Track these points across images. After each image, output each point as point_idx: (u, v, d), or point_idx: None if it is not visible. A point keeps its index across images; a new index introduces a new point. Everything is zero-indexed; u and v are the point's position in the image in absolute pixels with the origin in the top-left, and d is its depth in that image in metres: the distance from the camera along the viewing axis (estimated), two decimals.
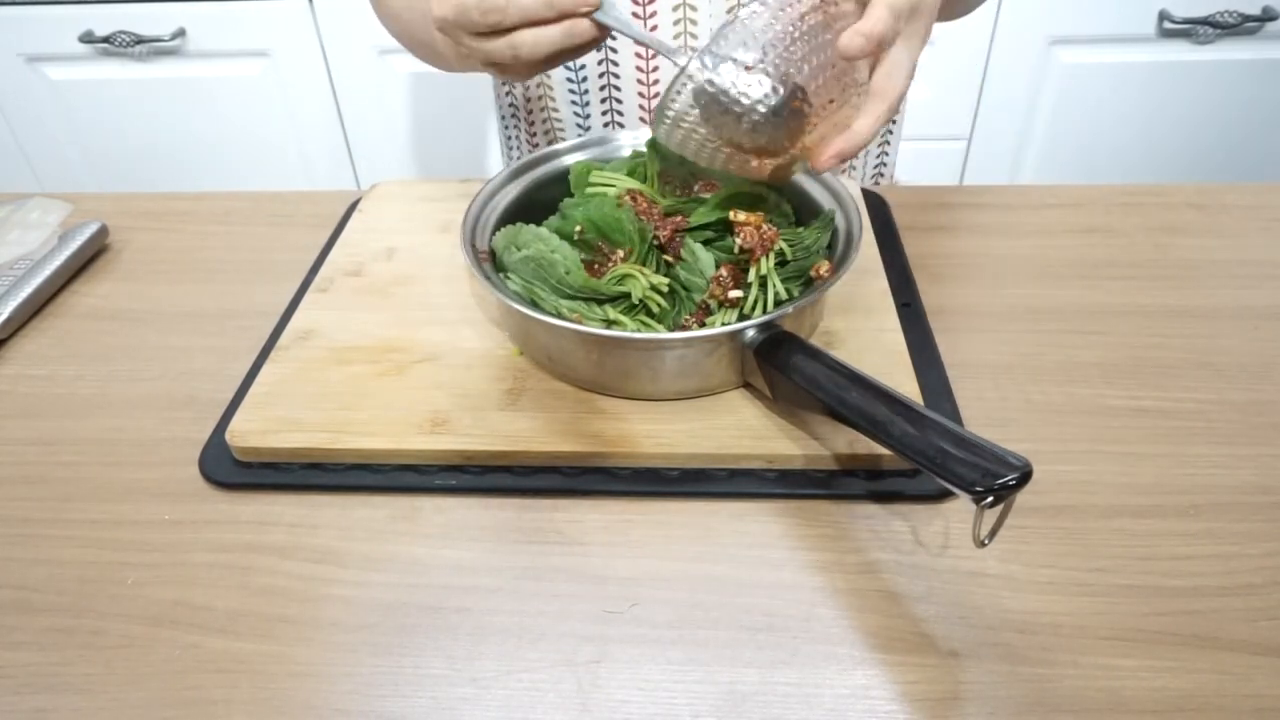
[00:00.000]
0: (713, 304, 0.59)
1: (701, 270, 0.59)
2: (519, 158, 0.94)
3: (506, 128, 0.96)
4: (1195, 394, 0.58)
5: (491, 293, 0.56)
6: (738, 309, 0.58)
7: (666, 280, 0.58)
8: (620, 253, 0.60)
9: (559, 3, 0.53)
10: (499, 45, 0.54)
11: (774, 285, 0.57)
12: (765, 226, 0.58)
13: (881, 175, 0.94)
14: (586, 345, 0.55)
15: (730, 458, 0.53)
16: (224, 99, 1.49)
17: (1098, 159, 1.50)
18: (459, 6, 0.53)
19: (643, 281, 0.57)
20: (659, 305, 0.58)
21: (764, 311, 0.57)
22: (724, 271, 0.59)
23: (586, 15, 0.54)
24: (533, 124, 0.89)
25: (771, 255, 0.57)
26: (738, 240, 0.58)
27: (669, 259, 0.61)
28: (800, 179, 0.66)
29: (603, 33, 0.55)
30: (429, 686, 0.44)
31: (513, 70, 0.57)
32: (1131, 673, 0.43)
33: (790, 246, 0.58)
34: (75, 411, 0.61)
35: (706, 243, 0.61)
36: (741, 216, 0.58)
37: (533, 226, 0.61)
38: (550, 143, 0.87)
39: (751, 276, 0.57)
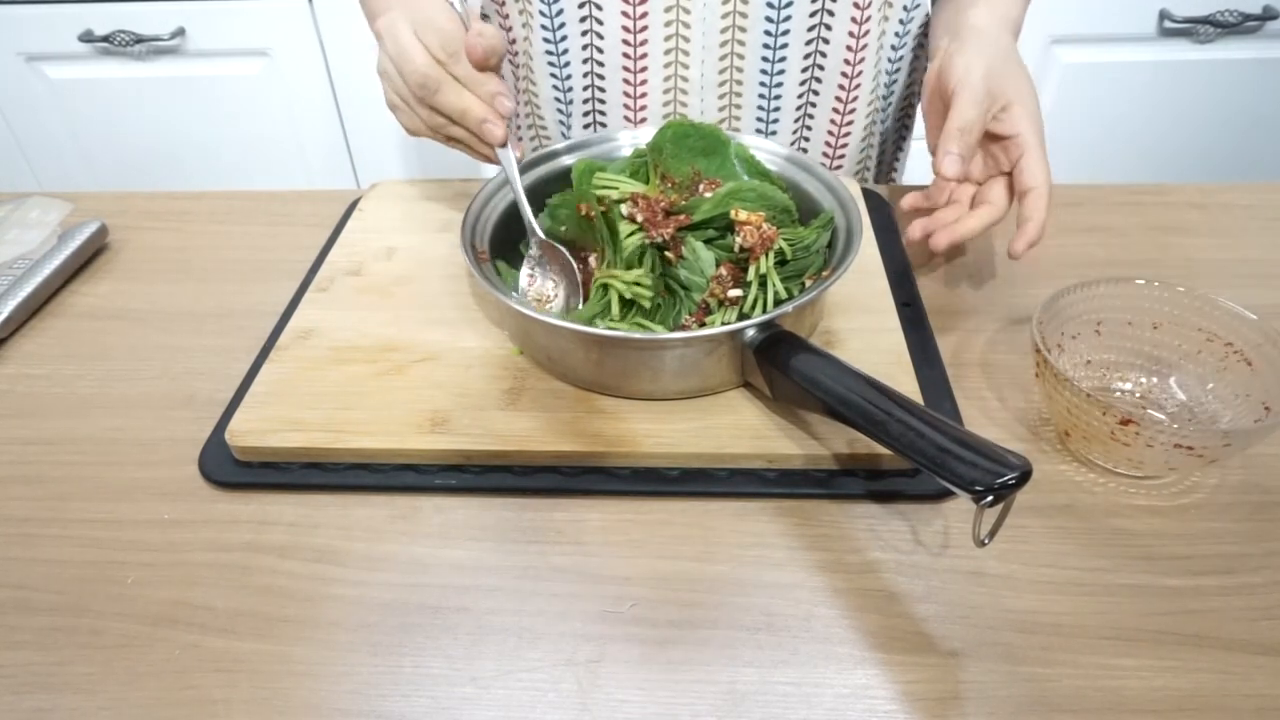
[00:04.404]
0: (712, 303, 0.59)
1: (702, 269, 0.59)
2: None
3: None
4: None
5: (491, 293, 0.56)
6: (737, 308, 0.58)
7: (646, 273, 0.58)
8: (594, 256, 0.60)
9: (469, 124, 0.62)
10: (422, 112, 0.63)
11: (773, 284, 0.57)
12: (765, 225, 0.58)
13: (894, 179, 0.94)
14: (586, 345, 0.55)
15: (730, 457, 0.53)
16: (224, 98, 1.49)
17: (1098, 159, 1.50)
18: (415, 70, 0.60)
19: (619, 283, 0.57)
20: (649, 300, 0.57)
21: (763, 311, 0.57)
22: (723, 271, 0.59)
23: (490, 144, 0.64)
24: (518, 129, 0.88)
25: (771, 254, 0.57)
26: (737, 239, 0.58)
27: (670, 257, 0.61)
28: (800, 178, 0.66)
29: (492, 160, 0.65)
30: (429, 686, 0.44)
31: (407, 122, 0.65)
32: (1131, 673, 0.43)
33: (790, 246, 0.58)
34: (75, 411, 0.61)
35: (708, 241, 0.61)
36: (742, 215, 0.58)
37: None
38: (536, 146, 0.86)
39: (751, 275, 0.57)
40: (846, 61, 0.76)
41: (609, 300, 0.58)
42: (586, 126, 0.81)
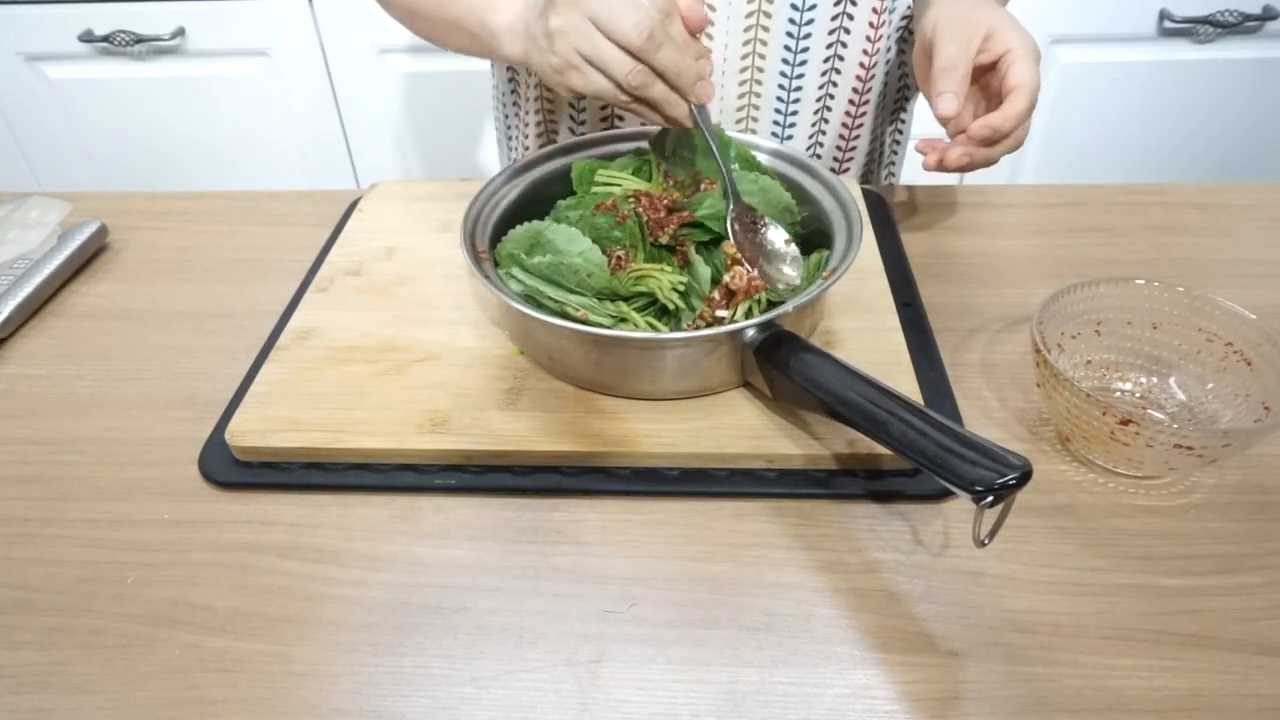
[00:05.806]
0: (701, 325, 0.59)
1: (699, 283, 0.59)
2: (517, 156, 0.94)
3: (508, 123, 0.95)
4: None
5: (492, 292, 0.56)
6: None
7: (685, 279, 0.58)
8: (620, 252, 0.59)
9: (683, 82, 0.57)
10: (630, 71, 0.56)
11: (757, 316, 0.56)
12: (755, 277, 0.57)
13: (893, 176, 0.95)
14: (586, 345, 0.55)
15: (730, 457, 0.53)
16: (224, 98, 1.49)
17: (1098, 158, 1.49)
18: (640, 24, 0.54)
19: (664, 281, 0.57)
20: (675, 305, 0.58)
21: (763, 311, 0.57)
22: (716, 294, 0.58)
23: (688, 103, 0.58)
24: (527, 123, 0.88)
25: (754, 302, 0.57)
26: (727, 277, 0.57)
27: (676, 260, 0.61)
28: (800, 178, 0.66)
29: (680, 123, 0.59)
30: (429, 686, 0.44)
31: (583, 84, 0.58)
32: (1131, 673, 0.43)
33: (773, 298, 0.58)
34: (75, 411, 0.61)
35: (708, 241, 0.61)
36: (732, 250, 0.58)
37: (563, 227, 0.59)
38: (545, 141, 0.86)
39: (739, 314, 0.57)
40: (865, 51, 0.76)
41: (640, 290, 0.58)
42: (604, 120, 0.81)
